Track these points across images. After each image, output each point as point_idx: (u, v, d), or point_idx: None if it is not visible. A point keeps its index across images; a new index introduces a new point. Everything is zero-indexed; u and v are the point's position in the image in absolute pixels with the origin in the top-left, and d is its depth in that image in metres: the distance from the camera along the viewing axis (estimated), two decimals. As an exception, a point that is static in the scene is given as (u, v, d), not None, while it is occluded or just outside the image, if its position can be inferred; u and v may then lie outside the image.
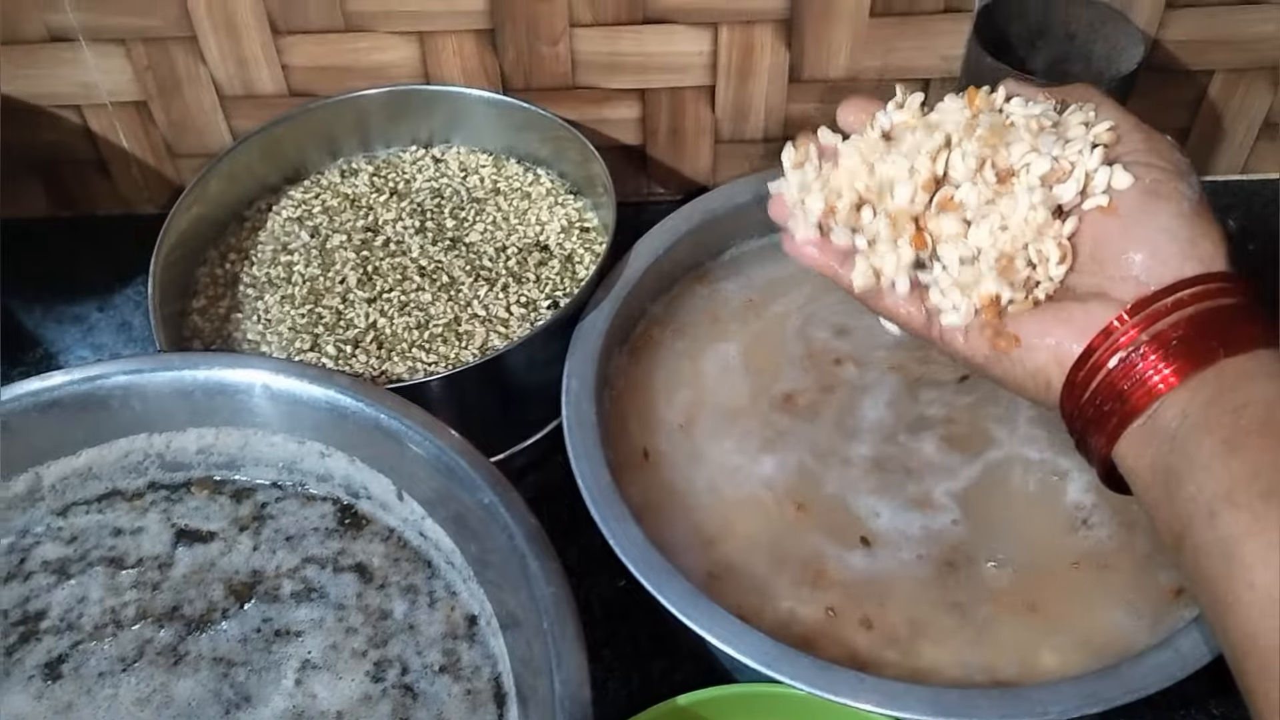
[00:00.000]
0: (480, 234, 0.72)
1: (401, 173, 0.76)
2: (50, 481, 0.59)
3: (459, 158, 0.77)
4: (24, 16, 0.72)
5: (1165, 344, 0.38)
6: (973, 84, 0.67)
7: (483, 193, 0.75)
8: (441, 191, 0.75)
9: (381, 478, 0.58)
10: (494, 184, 0.75)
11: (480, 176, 0.76)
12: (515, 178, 0.76)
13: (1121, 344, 0.38)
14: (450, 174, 0.76)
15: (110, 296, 0.78)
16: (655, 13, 0.72)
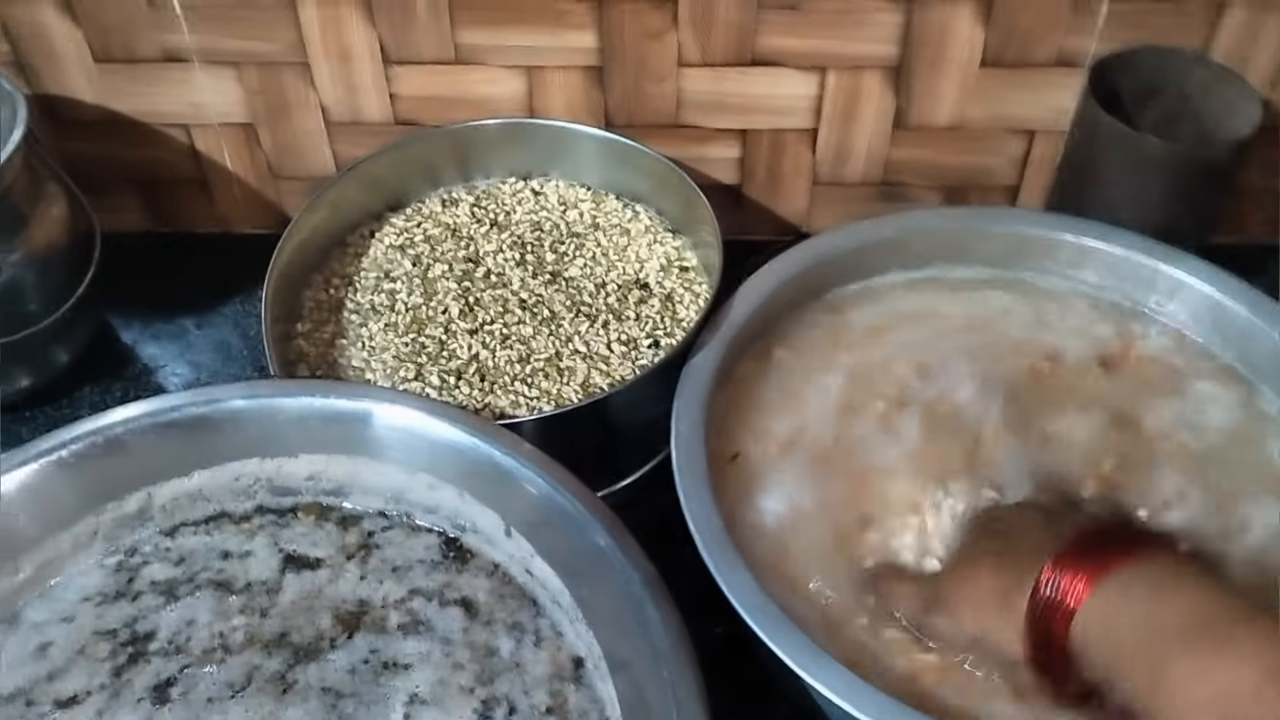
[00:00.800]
0: (580, 269, 0.72)
1: (501, 204, 0.77)
2: (161, 501, 0.60)
3: (558, 191, 0.77)
4: (140, 36, 0.73)
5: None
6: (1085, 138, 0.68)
7: (582, 227, 0.75)
8: (541, 225, 0.75)
9: (490, 513, 0.58)
10: (593, 219, 0.76)
11: (580, 211, 0.76)
12: (614, 213, 0.76)
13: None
14: (550, 207, 0.77)
15: (207, 315, 0.79)
16: (764, 55, 0.73)
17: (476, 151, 0.77)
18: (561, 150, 0.77)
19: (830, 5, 0.70)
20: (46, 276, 0.70)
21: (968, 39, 0.71)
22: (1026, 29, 0.71)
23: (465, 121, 0.75)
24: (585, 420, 0.62)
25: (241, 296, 0.80)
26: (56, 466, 0.57)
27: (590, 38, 0.72)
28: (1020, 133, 0.76)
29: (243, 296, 0.80)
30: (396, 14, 0.71)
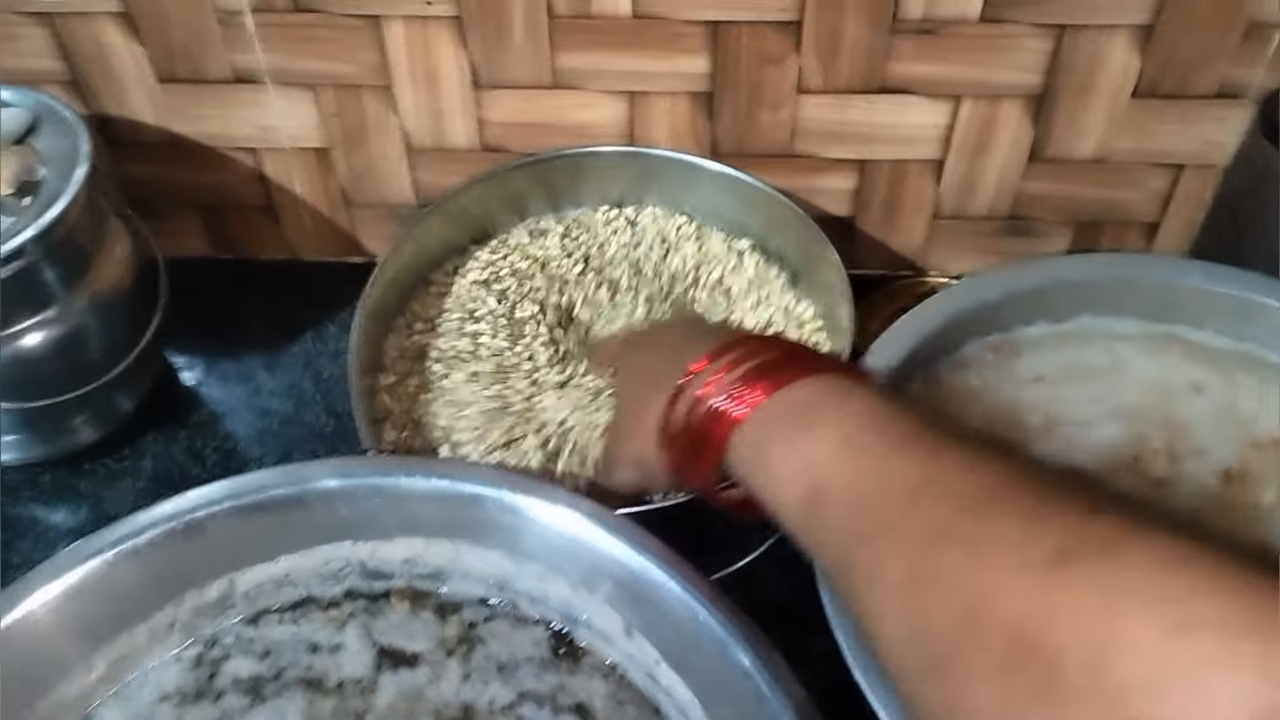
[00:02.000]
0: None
1: (595, 235, 0.70)
2: (244, 588, 0.54)
3: (657, 224, 0.71)
4: (209, 55, 0.67)
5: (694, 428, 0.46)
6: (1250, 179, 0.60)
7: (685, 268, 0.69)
8: (640, 264, 0.69)
9: (610, 611, 0.52)
10: (696, 261, 0.69)
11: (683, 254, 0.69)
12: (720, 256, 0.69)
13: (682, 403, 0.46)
14: (649, 243, 0.70)
15: (277, 354, 0.73)
16: (894, 82, 0.66)
17: (576, 181, 0.70)
18: (663, 180, 0.70)
19: (971, 30, 0.63)
20: (111, 322, 0.64)
21: (1121, 67, 0.64)
22: (1188, 58, 0.64)
23: (562, 148, 0.69)
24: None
25: (312, 332, 0.74)
26: (131, 556, 0.51)
27: (703, 62, 0.66)
28: (1167, 167, 0.70)
29: (314, 332, 0.74)
30: (491, 36, 0.65)
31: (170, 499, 0.52)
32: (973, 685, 0.31)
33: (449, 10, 0.64)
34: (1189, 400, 0.61)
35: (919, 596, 0.34)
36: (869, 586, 0.36)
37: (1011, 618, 0.30)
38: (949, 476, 0.36)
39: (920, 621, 0.33)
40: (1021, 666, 0.30)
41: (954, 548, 0.33)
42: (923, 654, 0.33)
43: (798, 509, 0.40)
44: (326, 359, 0.73)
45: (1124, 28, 0.63)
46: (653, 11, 0.63)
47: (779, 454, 0.42)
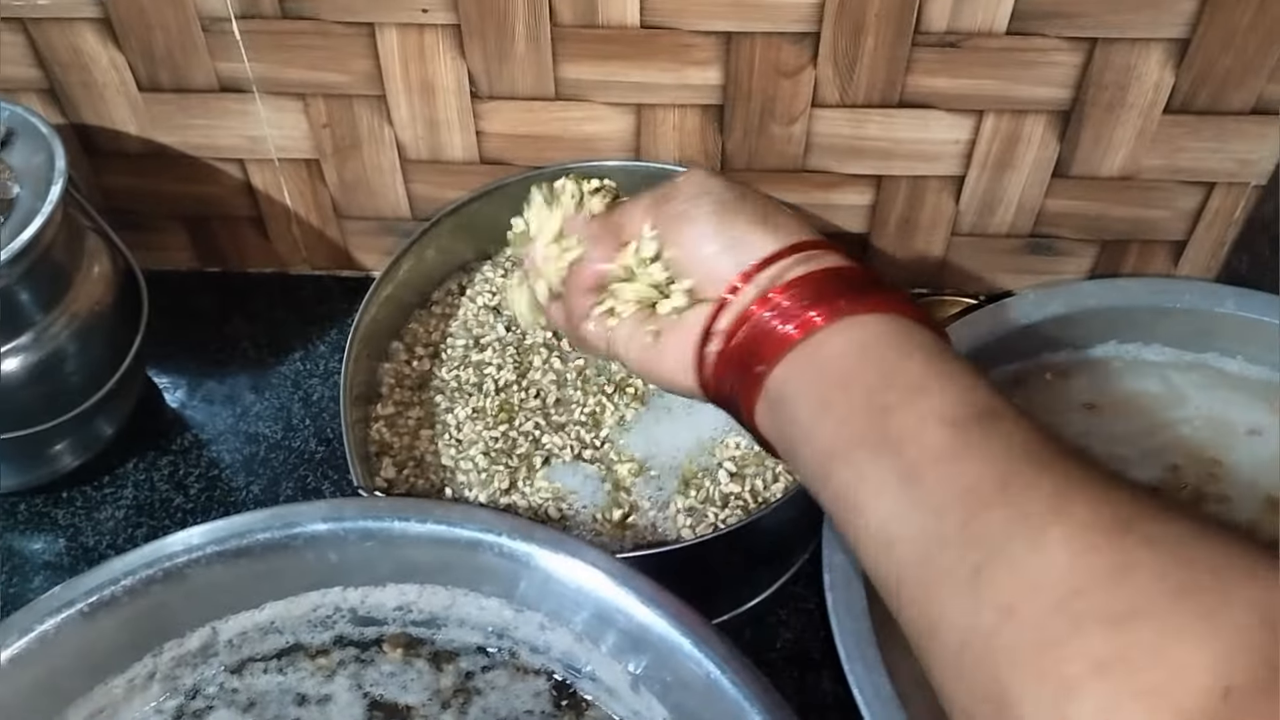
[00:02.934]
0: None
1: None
2: (227, 636, 0.51)
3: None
4: (195, 64, 0.64)
5: (758, 328, 0.39)
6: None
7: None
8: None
9: (614, 664, 0.49)
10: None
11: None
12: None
13: (727, 327, 0.40)
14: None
15: (265, 374, 0.70)
16: (915, 96, 0.63)
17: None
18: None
19: (997, 43, 0.60)
20: (91, 345, 0.61)
21: (1154, 83, 0.61)
22: (1224, 73, 0.61)
23: (562, 163, 0.66)
24: (726, 545, 0.53)
25: (302, 351, 0.71)
26: (108, 606, 0.48)
27: (714, 74, 0.62)
28: (1198, 185, 0.67)
29: (303, 352, 0.71)
30: (491, 45, 0.62)
31: (149, 544, 0.49)
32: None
33: (447, 18, 0.61)
34: (1246, 444, 0.58)
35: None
36: (1050, 508, 0.31)
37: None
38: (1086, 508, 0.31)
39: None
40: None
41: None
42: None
43: (958, 411, 0.34)
44: (317, 380, 0.70)
45: (1159, 41, 0.60)
46: (662, 22, 0.60)
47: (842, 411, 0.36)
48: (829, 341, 0.37)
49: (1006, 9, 0.59)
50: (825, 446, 0.37)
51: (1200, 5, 0.58)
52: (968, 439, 0.33)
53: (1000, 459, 0.33)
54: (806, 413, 0.37)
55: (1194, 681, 0.26)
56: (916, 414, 0.34)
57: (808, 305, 0.38)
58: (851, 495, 0.35)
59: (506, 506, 0.56)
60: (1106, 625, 0.28)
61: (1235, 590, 0.27)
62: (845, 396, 0.36)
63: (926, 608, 0.33)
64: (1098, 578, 0.29)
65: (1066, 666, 0.28)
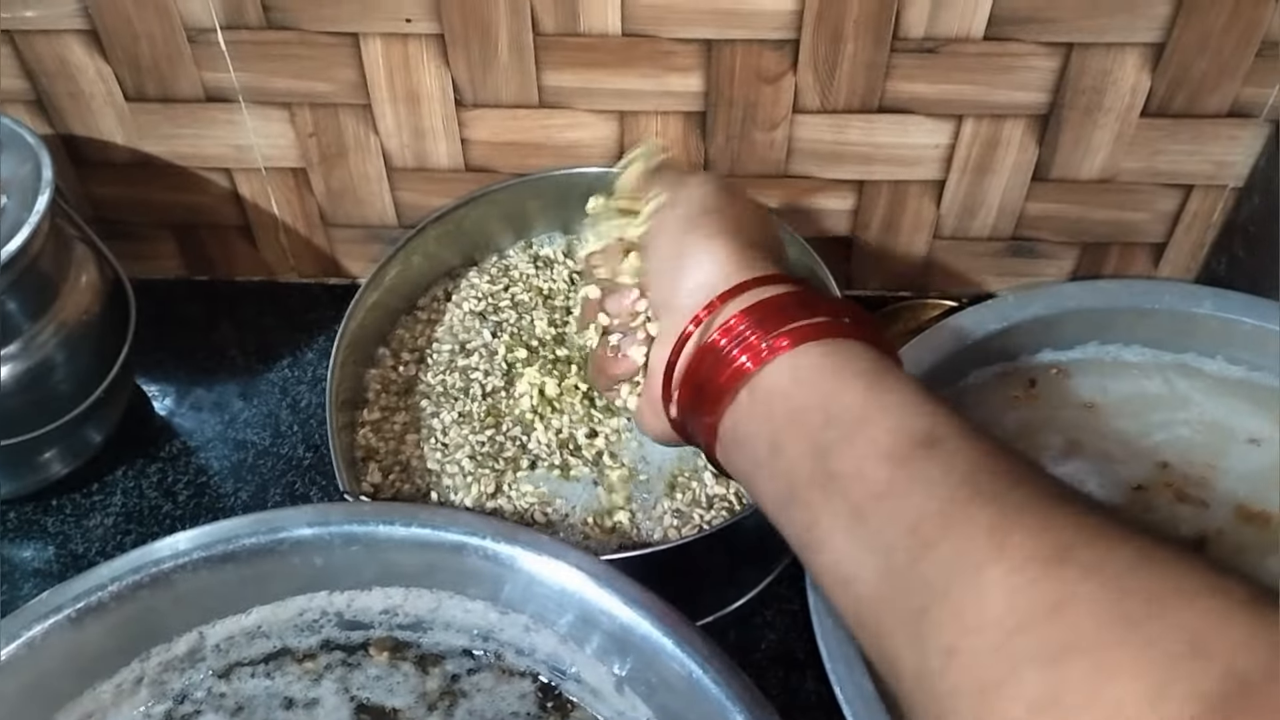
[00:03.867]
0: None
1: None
2: (214, 641, 0.52)
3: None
4: (181, 74, 0.64)
5: (703, 374, 0.39)
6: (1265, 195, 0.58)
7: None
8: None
9: (600, 665, 0.50)
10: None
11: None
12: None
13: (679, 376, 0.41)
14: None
15: (253, 381, 0.70)
16: (894, 102, 0.63)
17: (569, 202, 0.68)
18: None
19: (975, 48, 0.61)
20: (79, 353, 0.61)
21: (1131, 86, 0.62)
22: (1200, 76, 0.61)
23: (547, 169, 0.66)
24: (710, 546, 0.53)
25: (290, 358, 0.72)
26: (95, 611, 0.49)
27: (695, 81, 0.63)
28: (1176, 188, 0.67)
29: (291, 358, 0.72)
30: (475, 54, 0.62)
31: (136, 550, 0.49)
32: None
33: (431, 28, 0.61)
34: (1243, 452, 0.59)
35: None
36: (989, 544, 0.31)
37: None
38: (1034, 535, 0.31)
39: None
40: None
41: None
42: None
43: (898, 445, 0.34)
44: (305, 387, 0.70)
45: (1134, 46, 0.60)
46: (643, 30, 0.61)
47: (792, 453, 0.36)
48: (770, 378, 0.38)
49: (983, 15, 0.59)
50: (779, 488, 0.37)
51: (1175, 9, 0.59)
52: (908, 472, 0.33)
53: (940, 491, 0.32)
54: (759, 454, 0.38)
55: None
56: (857, 450, 0.35)
57: (758, 337, 0.38)
58: (807, 534, 0.36)
59: (492, 510, 0.57)
60: (1042, 665, 0.28)
61: (1170, 617, 0.27)
62: (791, 437, 0.37)
63: (883, 647, 0.33)
64: (1035, 615, 0.28)
65: (1005, 709, 0.28)
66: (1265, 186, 0.62)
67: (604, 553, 0.51)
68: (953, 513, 0.32)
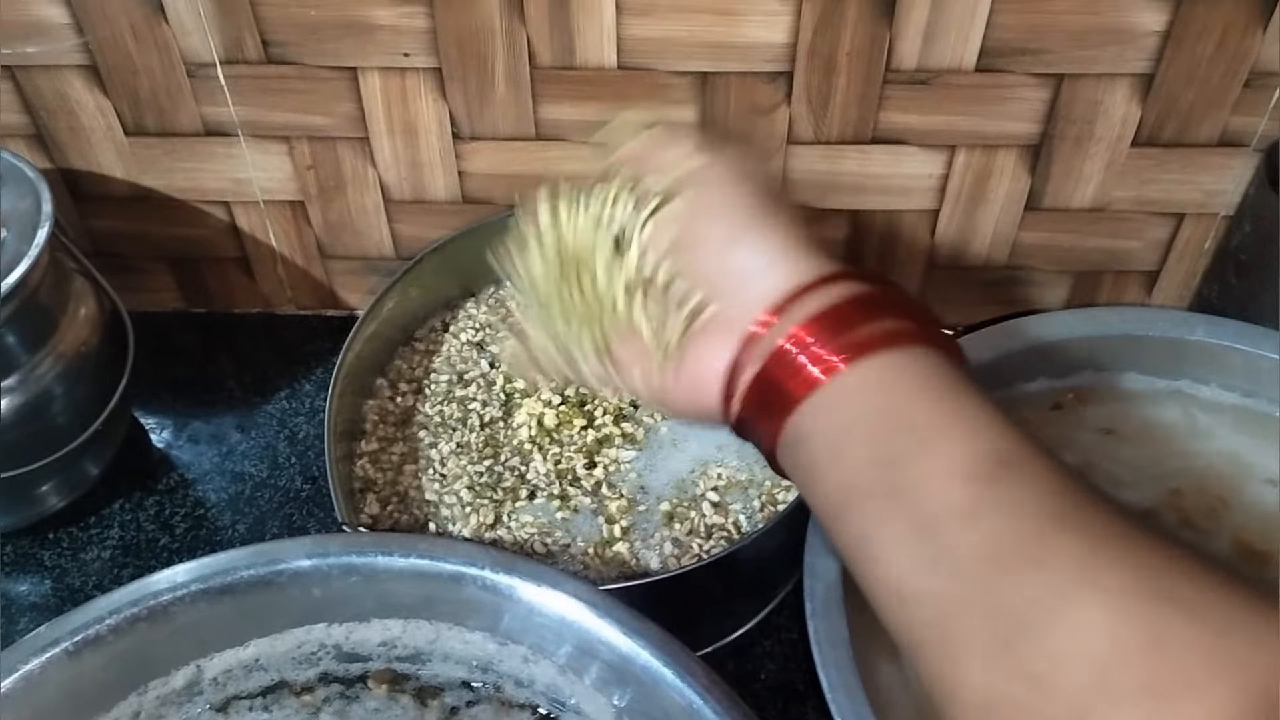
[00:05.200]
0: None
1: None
2: (212, 674, 0.51)
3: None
4: (180, 108, 0.65)
5: (784, 367, 0.37)
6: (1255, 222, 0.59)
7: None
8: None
9: (599, 697, 0.50)
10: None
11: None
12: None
13: (756, 367, 0.38)
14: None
15: (250, 413, 0.71)
16: (887, 133, 0.64)
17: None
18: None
19: (967, 80, 0.61)
20: (77, 387, 0.61)
21: (1121, 117, 0.63)
22: (1189, 107, 0.62)
23: (544, 202, 0.67)
24: (708, 575, 0.53)
25: (287, 390, 0.72)
26: (92, 645, 0.48)
27: (690, 113, 0.64)
28: (1168, 215, 0.68)
29: (288, 390, 0.72)
30: (472, 87, 0.63)
31: (134, 583, 0.49)
32: None
33: (428, 62, 0.62)
34: (1258, 491, 0.59)
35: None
36: (1079, 576, 0.30)
37: None
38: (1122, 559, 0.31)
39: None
40: None
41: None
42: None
43: (974, 463, 0.33)
44: (302, 418, 0.70)
45: (1124, 77, 0.61)
46: (639, 63, 0.61)
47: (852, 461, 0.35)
48: (843, 381, 0.36)
49: (974, 47, 0.60)
50: (835, 494, 0.36)
51: (1163, 40, 0.59)
52: (988, 493, 0.32)
53: (1021, 516, 0.32)
54: (818, 458, 0.37)
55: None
56: (930, 464, 0.33)
57: (829, 345, 0.36)
58: (861, 546, 0.35)
59: (491, 541, 0.57)
60: (1145, 700, 0.28)
61: (1270, 658, 0.28)
62: (853, 444, 0.35)
63: (947, 668, 0.32)
64: (1133, 649, 0.28)
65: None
66: (1255, 214, 0.62)
67: (603, 583, 0.51)
68: (1034, 542, 0.31)
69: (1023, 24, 0.59)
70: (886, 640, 0.53)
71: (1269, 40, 0.59)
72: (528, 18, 0.60)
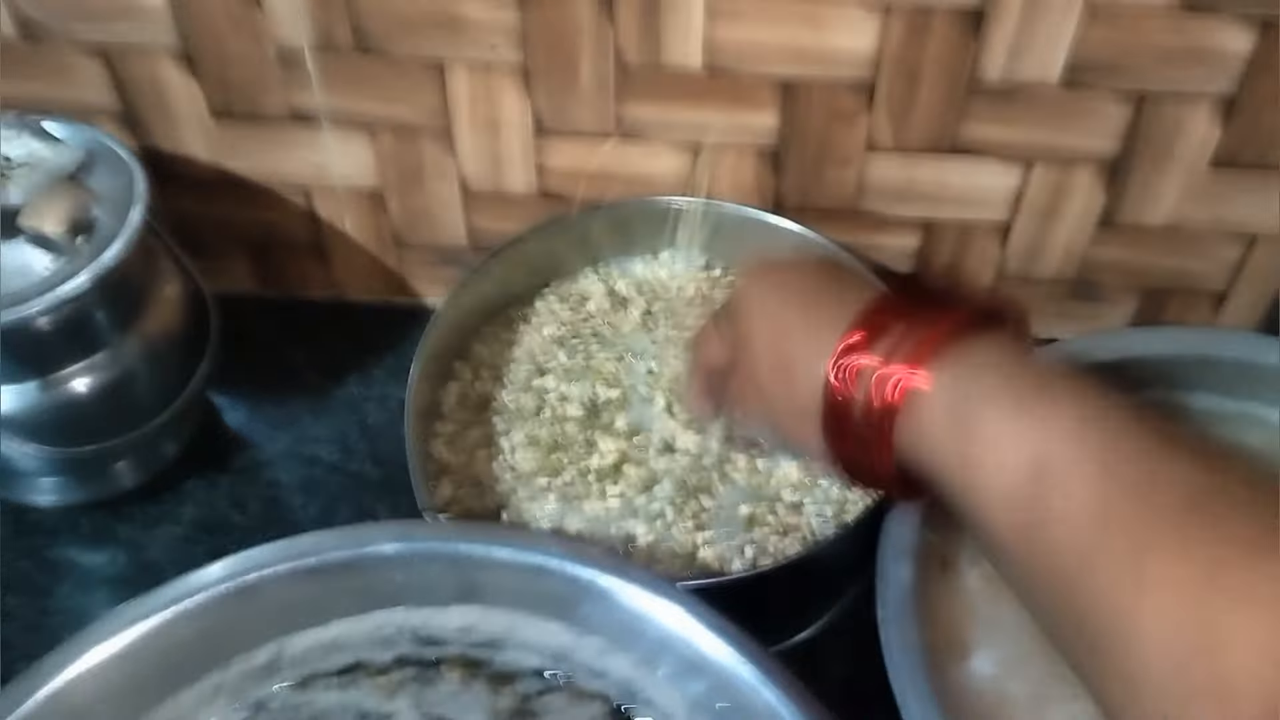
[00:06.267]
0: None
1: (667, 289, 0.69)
2: (293, 653, 0.52)
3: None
4: (266, 94, 0.66)
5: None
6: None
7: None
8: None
9: (672, 690, 0.50)
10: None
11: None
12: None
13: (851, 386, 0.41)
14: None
15: (322, 398, 0.72)
16: (966, 143, 0.65)
17: (636, 231, 0.69)
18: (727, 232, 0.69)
19: (1050, 94, 0.62)
20: (160, 366, 0.63)
21: (1201, 138, 0.63)
22: (1269, 129, 0.62)
23: (625, 198, 0.68)
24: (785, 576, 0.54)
25: (358, 375, 0.73)
26: (184, 618, 0.49)
27: (771, 117, 0.64)
28: (1240, 237, 0.68)
29: (359, 376, 0.73)
30: (556, 84, 0.64)
31: (223, 559, 0.50)
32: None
33: (515, 57, 0.63)
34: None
35: (1215, 612, 0.30)
36: (1134, 593, 0.31)
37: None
38: (1230, 485, 0.32)
39: (1209, 640, 0.30)
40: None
41: (1266, 561, 0.30)
42: (1203, 675, 0.29)
43: (1014, 498, 0.36)
44: (373, 404, 0.71)
45: (1206, 96, 0.61)
46: (724, 66, 0.62)
47: (992, 432, 0.37)
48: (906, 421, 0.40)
49: (1060, 61, 0.60)
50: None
51: (1248, 64, 0.60)
52: (1027, 516, 0.35)
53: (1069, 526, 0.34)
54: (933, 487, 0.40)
55: None
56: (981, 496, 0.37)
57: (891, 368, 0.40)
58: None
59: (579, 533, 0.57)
60: (1214, 700, 0.29)
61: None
62: (940, 476, 0.39)
63: (1073, 668, 0.34)
64: (1196, 649, 0.29)
65: None
66: (1332, 239, 0.63)
67: (680, 580, 0.52)
68: (1087, 547, 0.32)
69: (1109, 41, 0.59)
70: (958, 646, 0.54)
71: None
72: (617, 17, 0.61)
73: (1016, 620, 0.54)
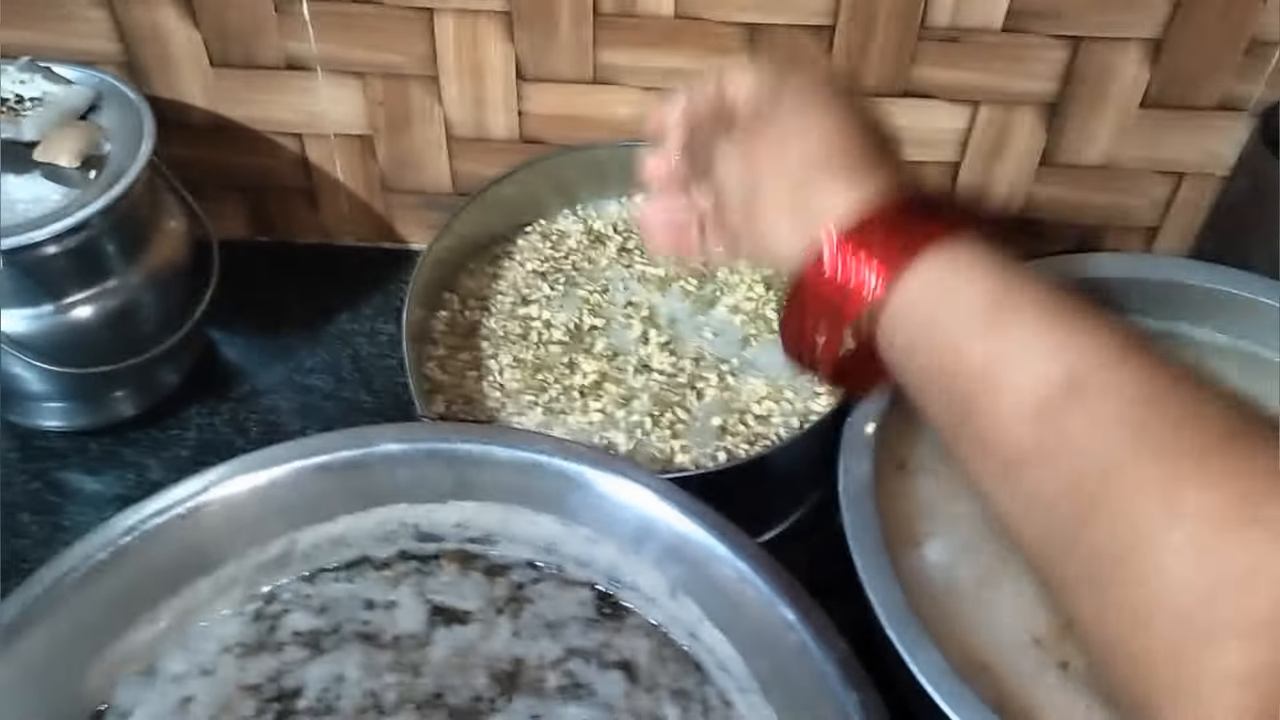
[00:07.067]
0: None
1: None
2: (303, 547, 0.56)
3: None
4: (263, 42, 0.70)
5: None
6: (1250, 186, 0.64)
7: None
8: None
9: (655, 573, 0.55)
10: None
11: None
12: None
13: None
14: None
15: (315, 334, 0.76)
16: (918, 86, 0.70)
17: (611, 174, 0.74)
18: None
19: (993, 39, 0.67)
20: (164, 297, 0.67)
21: (1132, 79, 0.68)
22: (1193, 71, 0.68)
23: (599, 142, 0.72)
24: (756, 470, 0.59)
25: (348, 313, 0.77)
26: (203, 510, 0.54)
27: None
28: (1169, 175, 0.74)
29: (349, 313, 0.77)
30: (538, 30, 0.68)
31: (238, 458, 0.55)
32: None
33: (499, 4, 0.67)
34: None
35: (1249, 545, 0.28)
36: (1164, 520, 0.30)
37: None
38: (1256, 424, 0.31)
39: (1241, 572, 0.28)
40: None
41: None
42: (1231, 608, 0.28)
43: (1040, 409, 0.34)
44: (363, 339, 0.75)
45: (1135, 40, 0.67)
46: (693, 12, 0.67)
47: (1023, 335, 0.35)
48: (891, 311, 0.38)
49: (1002, 7, 0.66)
50: (938, 423, 0.38)
51: (1173, 8, 0.65)
52: (1054, 431, 0.33)
53: (1094, 448, 0.32)
54: (911, 392, 0.39)
55: None
56: (995, 412, 0.34)
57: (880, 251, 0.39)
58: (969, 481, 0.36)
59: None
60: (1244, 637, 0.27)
61: None
62: (928, 387, 0.38)
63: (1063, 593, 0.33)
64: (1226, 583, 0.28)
65: (1207, 679, 0.27)
66: (1251, 174, 0.68)
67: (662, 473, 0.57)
68: (1114, 473, 0.31)
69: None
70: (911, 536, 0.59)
71: (1269, 10, 0.65)
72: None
73: (966, 513, 0.59)
